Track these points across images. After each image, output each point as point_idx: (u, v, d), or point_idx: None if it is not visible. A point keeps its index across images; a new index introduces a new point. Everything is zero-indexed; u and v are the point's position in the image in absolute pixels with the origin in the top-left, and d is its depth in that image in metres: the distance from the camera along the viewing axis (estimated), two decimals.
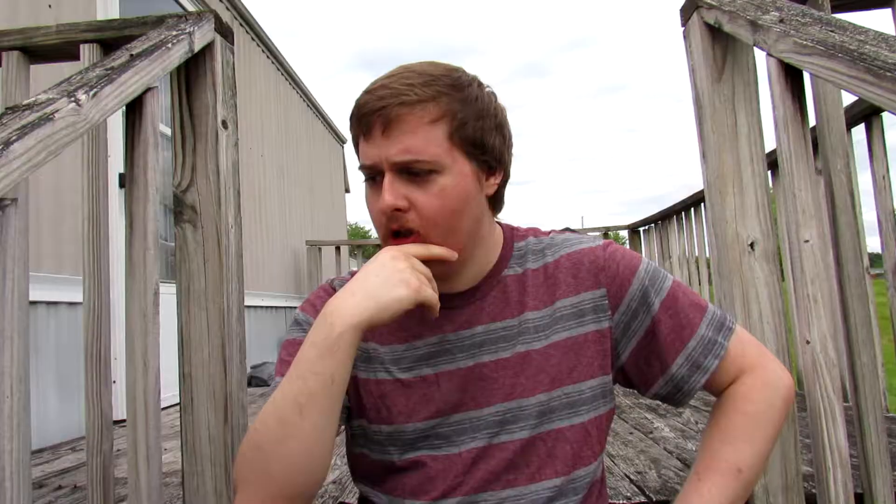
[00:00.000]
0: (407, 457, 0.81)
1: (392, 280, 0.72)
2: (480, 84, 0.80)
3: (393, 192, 0.74)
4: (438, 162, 0.74)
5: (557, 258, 0.84)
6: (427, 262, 0.77)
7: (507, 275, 0.84)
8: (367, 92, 0.76)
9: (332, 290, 0.88)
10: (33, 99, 0.88)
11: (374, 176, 0.77)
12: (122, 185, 3.02)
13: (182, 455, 1.26)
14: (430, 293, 0.74)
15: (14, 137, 0.76)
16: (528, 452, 0.79)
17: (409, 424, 0.81)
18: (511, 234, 0.88)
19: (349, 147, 10.08)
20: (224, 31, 1.38)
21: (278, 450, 0.71)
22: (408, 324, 0.84)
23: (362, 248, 6.65)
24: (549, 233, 0.89)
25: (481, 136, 0.77)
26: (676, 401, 0.85)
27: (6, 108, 0.85)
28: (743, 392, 0.82)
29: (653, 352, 0.83)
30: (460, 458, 0.80)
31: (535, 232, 0.89)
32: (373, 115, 0.74)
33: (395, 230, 0.77)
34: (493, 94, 0.82)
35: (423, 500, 0.80)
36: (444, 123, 0.74)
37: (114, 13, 3.21)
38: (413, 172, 0.74)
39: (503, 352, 0.81)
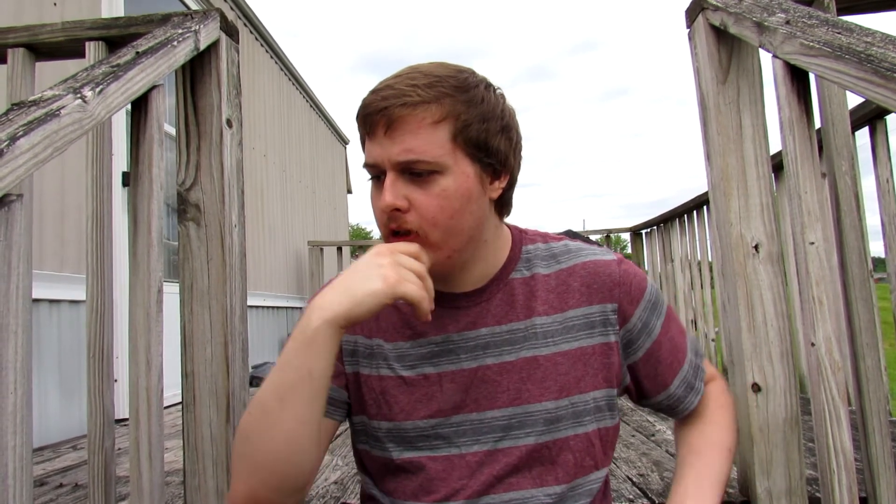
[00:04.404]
0: (406, 456, 0.81)
1: (370, 275, 0.71)
2: (488, 86, 0.80)
3: (393, 191, 0.74)
4: (440, 163, 0.74)
5: (572, 266, 0.84)
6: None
7: (514, 278, 0.84)
8: (372, 92, 0.77)
9: None
10: (39, 95, 0.88)
11: (377, 175, 0.78)
12: (125, 183, 3.02)
13: (184, 454, 1.26)
14: (411, 288, 0.71)
15: (20, 133, 0.76)
16: (533, 459, 0.79)
17: (409, 422, 0.81)
18: (520, 237, 0.88)
19: (352, 148, 10.09)
20: (229, 29, 1.38)
21: (262, 439, 0.72)
22: (414, 322, 0.84)
23: (364, 249, 6.65)
24: (560, 238, 0.89)
25: (485, 138, 0.76)
26: (668, 413, 0.93)
27: (12, 104, 0.85)
28: (717, 391, 0.95)
29: (651, 372, 0.87)
30: (464, 461, 0.80)
31: (544, 237, 0.89)
32: (376, 114, 0.74)
33: (394, 230, 0.77)
34: (502, 96, 0.81)
35: (425, 502, 0.80)
36: (447, 125, 0.74)
37: (118, 11, 3.21)
38: (414, 173, 0.74)
39: (507, 355, 0.81)
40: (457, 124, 0.74)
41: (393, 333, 0.85)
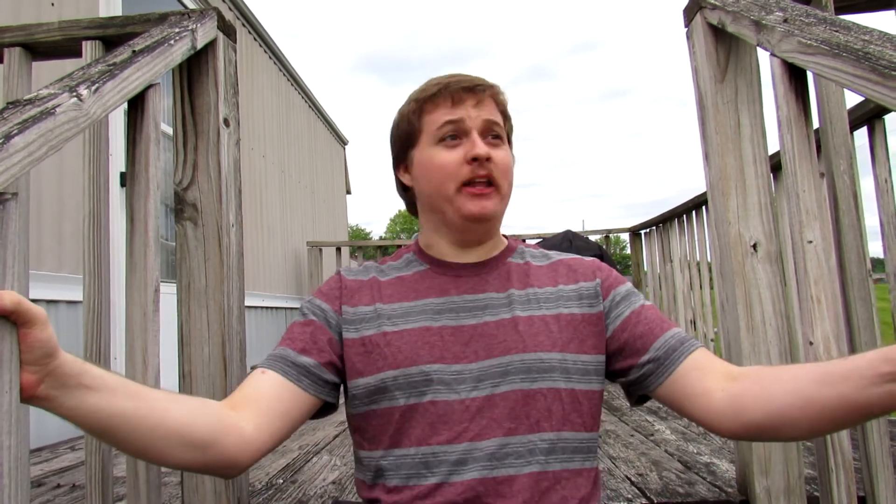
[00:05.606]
0: (412, 402, 0.87)
1: None
2: None
3: (484, 145, 0.92)
4: (504, 133, 0.96)
5: (558, 260, 1.01)
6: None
7: (510, 261, 0.99)
8: (447, 77, 0.96)
9: (339, 277, 0.98)
10: (35, 93, 0.88)
11: (456, 134, 0.93)
12: (123, 183, 3.02)
13: None
14: None
15: (15, 131, 0.76)
16: (528, 405, 0.87)
17: (415, 367, 0.88)
18: (514, 240, 1.04)
19: (350, 148, 10.09)
20: (227, 29, 1.38)
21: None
22: (417, 286, 0.95)
23: (363, 250, 6.65)
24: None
25: (512, 128, 1.00)
26: (648, 384, 0.89)
27: (7, 103, 0.85)
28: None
29: (639, 330, 0.91)
30: (464, 406, 0.86)
31: (533, 246, 1.06)
32: (468, 90, 0.93)
33: (483, 176, 0.91)
34: None
35: (428, 445, 0.85)
36: (501, 109, 0.97)
37: (116, 11, 3.21)
38: (492, 135, 0.94)
39: (505, 313, 0.92)
40: (506, 112, 0.98)
41: (395, 296, 0.95)
